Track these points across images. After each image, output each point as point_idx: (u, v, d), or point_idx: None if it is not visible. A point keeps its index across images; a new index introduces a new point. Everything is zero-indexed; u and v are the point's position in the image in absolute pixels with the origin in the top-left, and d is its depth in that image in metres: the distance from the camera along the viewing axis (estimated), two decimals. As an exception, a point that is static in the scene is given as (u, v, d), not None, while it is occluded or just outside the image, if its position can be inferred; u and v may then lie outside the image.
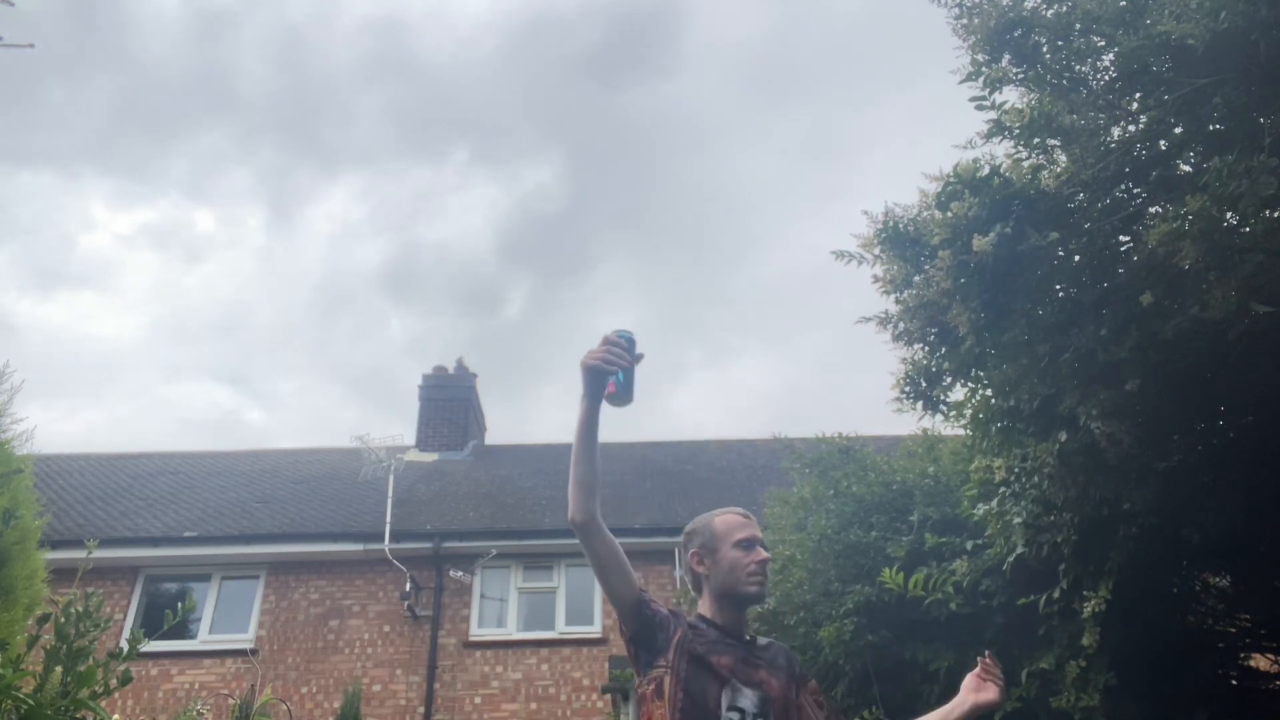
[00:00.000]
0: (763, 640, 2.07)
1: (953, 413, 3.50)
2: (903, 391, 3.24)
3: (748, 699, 1.87)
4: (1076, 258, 2.85)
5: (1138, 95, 2.70)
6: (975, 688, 2.01)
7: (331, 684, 10.09)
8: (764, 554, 2.04)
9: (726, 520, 2.09)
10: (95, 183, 47.57)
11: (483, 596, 10.81)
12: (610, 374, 1.85)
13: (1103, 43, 2.67)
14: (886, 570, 3.88)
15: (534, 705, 10.08)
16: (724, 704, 1.85)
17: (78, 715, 1.94)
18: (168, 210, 41.09)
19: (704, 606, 2.06)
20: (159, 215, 41.23)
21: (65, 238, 42.79)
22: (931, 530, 4.23)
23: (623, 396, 1.87)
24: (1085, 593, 3.24)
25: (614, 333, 1.91)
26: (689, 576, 2.12)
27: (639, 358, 1.91)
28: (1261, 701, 3.74)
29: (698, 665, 1.87)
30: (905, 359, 3.19)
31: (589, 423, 1.87)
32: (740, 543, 2.03)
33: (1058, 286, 2.92)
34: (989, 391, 3.33)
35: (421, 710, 10.00)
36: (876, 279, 3.08)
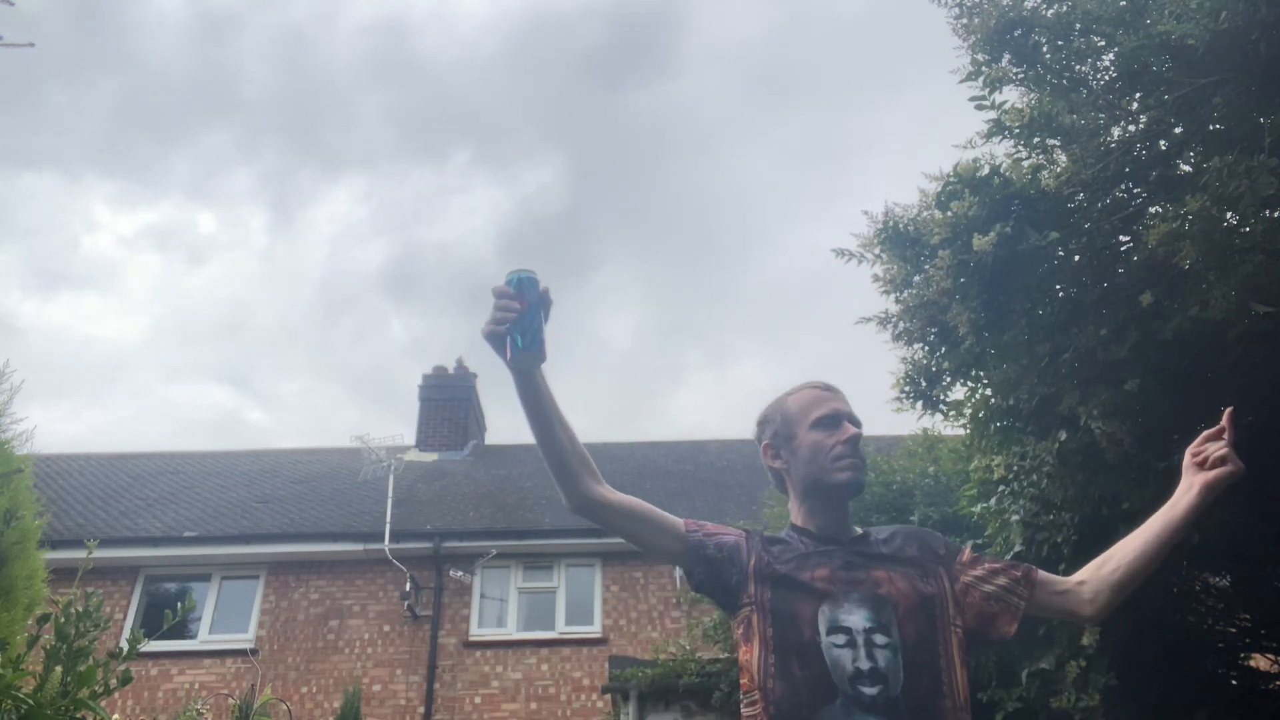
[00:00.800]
0: (883, 531, 1.65)
1: (952, 412, 3.50)
2: (903, 391, 3.24)
3: (855, 613, 1.45)
4: (1076, 258, 2.85)
5: (1138, 95, 2.70)
6: (1198, 461, 1.54)
7: (331, 684, 10.08)
8: (853, 429, 1.61)
9: (801, 398, 1.67)
10: (98, 184, 47.60)
11: (483, 596, 10.81)
12: (503, 334, 1.50)
13: (1103, 43, 2.67)
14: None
15: (534, 705, 10.08)
16: (822, 626, 1.44)
17: (78, 715, 1.94)
18: (170, 211, 41.07)
19: (793, 511, 1.67)
20: (161, 216, 41.22)
21: (68, 239, 42.80)
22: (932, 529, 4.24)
23: (529, 353, 1.51)
24: (1085, 593, 3.24)
25: (506, 276, 1.53)
26: (770, 476, 1.73)
27: (543, 299, 1.53)
28: (1261, 701, 3.74)
29: (784, 587, 1.50)
30: (905, 359, 3.20)
31: (524, 397, 1.52)
32: (820, 421, 1.62)
33: (1058, 286, 2.92)
34: (989, 391, 3.33)
35: (421, 710, 10.00)
36: (876, 279, 3.09)
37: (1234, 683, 3.81)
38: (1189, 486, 1.53)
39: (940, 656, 1.45)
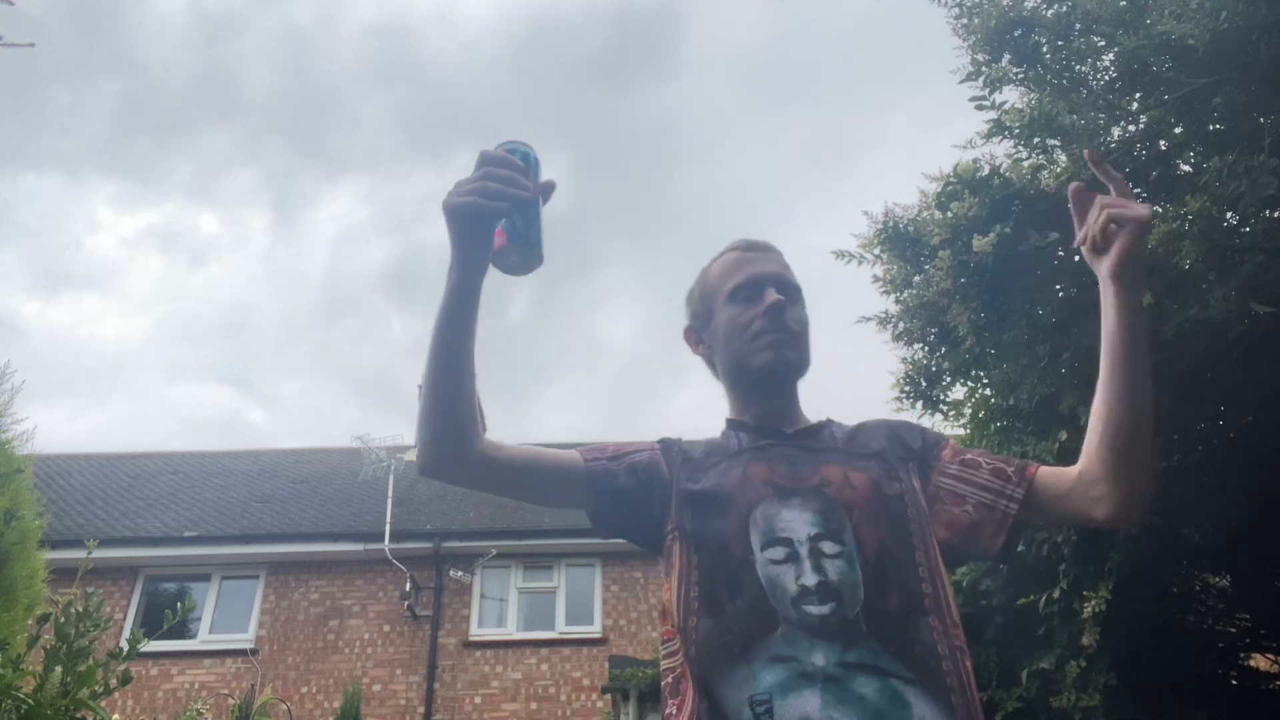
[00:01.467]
0: (847, 424, 1.32)
1: (952, 412, 3.50)
2: (902, 391, 3.25)
3: (796, 520, 1.13)
4: (1076, 258, 2.85)
5: (1138, 95, 2.70)
6: (1092, 250, 1.15)
7: (331, 684, 10.08)
8: (774, 296, 1.26)
9: (721, 264, 1.34)
10: (100, 186, 47.68)
11: (483, 596, 10.82)
12: (496, 213, 1.03)
13: (1103, 43, 2.67)
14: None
15: (534, 705, 10.08)
16: (755, 541, 1.12)
17: (78, 715, 1.94)
18: (172, 213, 41.17)
19: (728, 404, 1.36)
20: (163, 218, 41.31)
21: (71, 240, 42.89)
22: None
23: (524, 249, 1.07)
24: (1085, 593, 3.24)
25: (499, 147, 1.09)
26: (707, 365, 1.41)
27: (548, 189, 1.11)
28: (1261, 701, 3.74)
29: (707, 500, 1.18)
30: (905, 359, 3.20)
31: (457, 312, 1.09)
32: (738, 291, 1.29)
33: (1057, 286, 2.92)
34: (989, 391, 3.33)
35: (421, 710, 9.99)
36: (877, 279, 3.09)
37: (1234, 683, 3.81)
38: (1102, 282, 1.13)
39: (919, 565, 1.12)
